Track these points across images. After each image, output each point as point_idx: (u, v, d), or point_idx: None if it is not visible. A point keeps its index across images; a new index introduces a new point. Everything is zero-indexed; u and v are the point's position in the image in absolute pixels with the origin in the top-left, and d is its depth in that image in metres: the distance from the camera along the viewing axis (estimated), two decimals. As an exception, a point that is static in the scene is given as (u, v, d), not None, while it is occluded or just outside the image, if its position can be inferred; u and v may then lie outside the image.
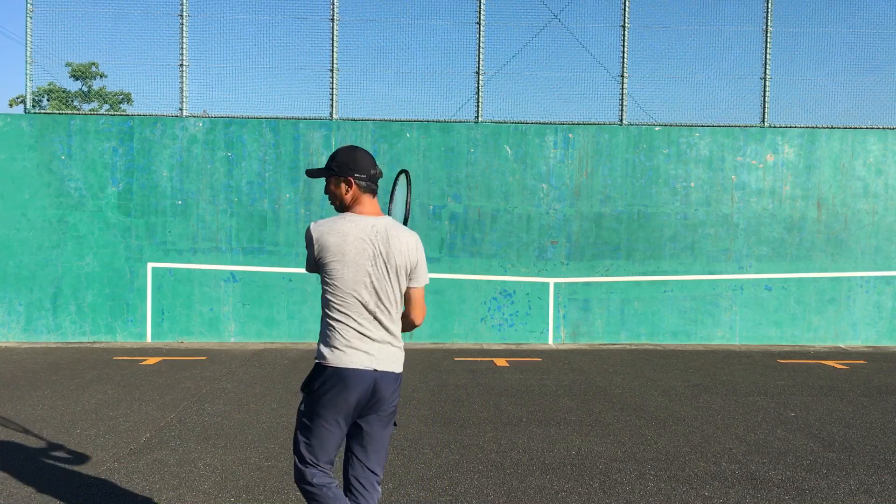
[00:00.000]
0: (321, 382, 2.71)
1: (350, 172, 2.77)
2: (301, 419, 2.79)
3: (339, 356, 2.70)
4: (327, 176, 2.82)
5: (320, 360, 2.74)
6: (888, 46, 10.31)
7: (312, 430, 2.74)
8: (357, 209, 2.79)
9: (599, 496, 4.13)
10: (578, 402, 6.43)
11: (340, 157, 2.79)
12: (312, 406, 2.73)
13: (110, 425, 5.49)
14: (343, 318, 2.73)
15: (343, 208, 2.82)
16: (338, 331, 2.73)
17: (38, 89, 19.26)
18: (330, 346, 2.73)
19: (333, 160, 2.80)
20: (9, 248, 9.57)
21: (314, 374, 2.75)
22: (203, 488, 4.19)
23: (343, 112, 9.92)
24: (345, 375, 2.68)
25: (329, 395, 2.69)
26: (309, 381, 2.76)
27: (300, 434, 2.78)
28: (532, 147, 9.93)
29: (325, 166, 2.84)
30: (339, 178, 2.79)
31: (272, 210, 9.77)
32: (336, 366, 2.69)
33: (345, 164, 2.77)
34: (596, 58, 10.07)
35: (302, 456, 2.77)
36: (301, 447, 2.77)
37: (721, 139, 10.05)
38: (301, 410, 2.79)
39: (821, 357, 9.06)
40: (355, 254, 2.70)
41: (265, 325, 9.74)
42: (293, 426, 5.47)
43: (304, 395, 2.79)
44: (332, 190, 2.82)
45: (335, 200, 2.83)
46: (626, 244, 9.97)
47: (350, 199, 2.79)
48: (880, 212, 10.12)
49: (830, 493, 4.20)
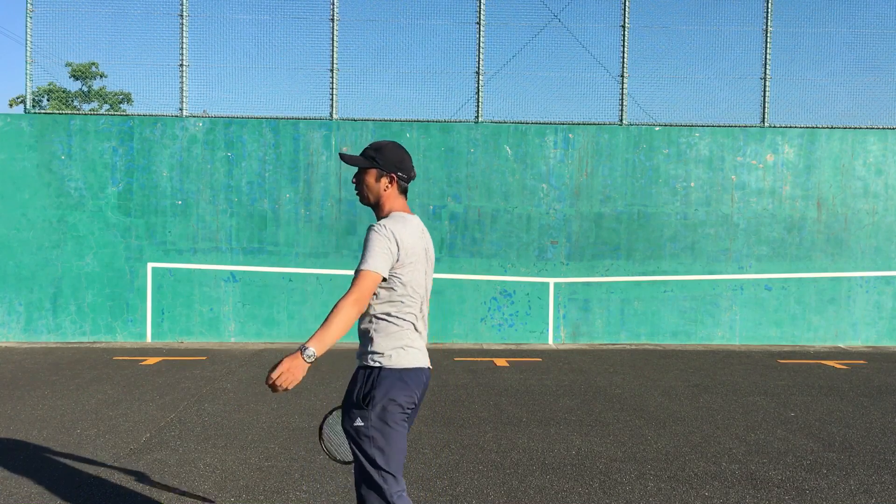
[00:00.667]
0: (389, 386, 2.59)
1: (395, 170, 2.72)
2: (370, 434, 2.57)
3: (398, 358, 2.63)
4: (369, 167, 2.73)
5: (382, 360, 2.62)
6: (888, 46, 10.31)
7: (389, 439, 2.59)
8: (398, 207, 2.74)
9: (599, 496, 4.13)
10: (578, 402, 6.43)
11: (388, 152, 2.72)
12: (382, 416, 2.58)
13: (110, 425, 5.49)
14: (408, 318, 2.66)
15: (374, 203, 2.75)
16: (404, 330, 2.65)
17: (38, 89, 19.26)
18: (394, 347, 2.63)
19: (379, 153, 2.71)
20: (9, 248, 9.57)
21: (375, 379, 2.60)
22: (203, 488, 4.19)
23: (343, 112, 9.92)
24: (407, 375, 2.63)
25: (398, 399, 2.59)
26: (371, 388, 2.59)
27: (376, 451, 2.57)
28: (532, 147, 9.93)
29: (366, 157, 2.73)
30: (381, 173, 2.72)
31: (272, 210, 9.77)
32: (401, 366, 2.62)
33: (391, 160, 2.71)
34: (596, 58, 10.08)
35: (386, 475, 2.57)
36: (382, 465, 2.57)
37: (721, 139, 10.05)
38: (363, 426, 2.58)
39: (821, 357, 9.06)
40: (419, 253, 2.69)
41: (265, 325, 9.74)
42: (293, 426, 5.49)
43: (363, 409, 2.59)
44: (370, 182, 2.72)
45: (368, 193, 2.74)
46: (626, 244, 9.97)
47: (386, 196, 2.73)
48: (880, 212, 10.12)
49: (830, 493, 4.20)
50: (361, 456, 2.59)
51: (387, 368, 2.61)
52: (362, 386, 2.61)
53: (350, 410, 2.62)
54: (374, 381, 2.60)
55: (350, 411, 2.62)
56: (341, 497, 4.07)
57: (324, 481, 4.32)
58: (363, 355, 2.67)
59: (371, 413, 2.57)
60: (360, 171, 2.75)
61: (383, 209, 2.74)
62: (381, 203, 2.74)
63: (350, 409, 2.62)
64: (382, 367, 2.61)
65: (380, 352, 2.62)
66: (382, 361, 2.61)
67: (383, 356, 2.62)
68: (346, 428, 2.64)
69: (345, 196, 9.80)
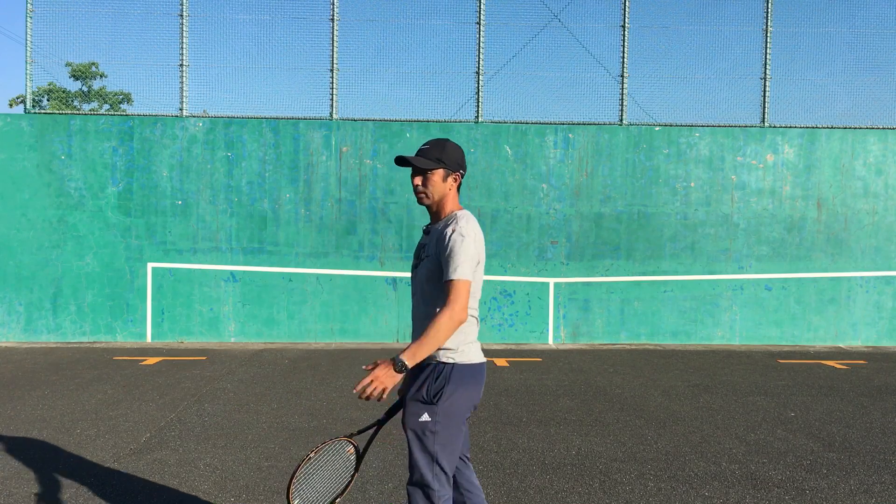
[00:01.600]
0: (459, 382, 2.61)
1: (459, 169, 2.73)
2: (435, 430, 2.59)
3: (468, 353, 2.66)
4: (437, 168, 2.68)
5: (454, 357, 2.63)
6: (888, 46, 10.31)
7: (451, 437, 2.61)
8: (457, 205, 2.75)
9: (599, 496, 4.13)
10: (578, 402, 6.43)
11: (451, 151, 2.71)
12: (450, 412, 2.59)
13: (110, 425, 5.49)
14: (473, 314, 2.69)
15: (437, 202, 2.72)
16: (470, 326, 2.68)
17: (38, 89, 19.26)
18: (464, 343, 2.65)
19: (443, 153, 2.68)
20: (9, 248, 9.57)
21: (444, 376, 2.60)
22: (203, 488, 4.19)
23: (343, 112, 9.92)
24: (477, 370, 2.67)
25: (467, 394, 2.63)
26: (443, 384, 2.59)
27: (439, 447, 2.58)
28: (532, 147, 9.93)
29: (429, 158, 2.68)
30: (448, 172, 2.71)
31: (272, 210, 9.77)
32: (471, 361, 2.65)
33: (456, 160, 2.71)
34: (596, 58, 10.08)
35: (441, 475, 2.58)
36: (441, 462, 2.58)
37: (721, 139, 10.05)
38: (430, 421, 2.58)
39: (821, 357, 9.06)
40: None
41: (265, 325, 9.74)
42: (293, 426, 5.49)
43: (431, 404, 2.59)
44: (438, 183, 2.69)
45: (433, 193, 2.70)
46: (626, 244, 9.97)
47: (451, 195, 2.73)
48: (880, 212, 10.12)
49: (830, 493, 4.20)
50: (421, 453, 2.60)
51: (458, 364, 2.63)
52: (432, 381, 2.61)
53: (415, 406, 2.62)
54: (445, 376, 2.61)
55: (415, 407, 2.62)
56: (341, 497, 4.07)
57: (324, 481, 4.32)
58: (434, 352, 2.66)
59: (439, 408, 2.58)
60: (425, 172, 2.70)
61: (445, 208, 2.73)
62: (444, 202, 2.73)
63: (416, 405, 2.62)
64: (455, 362, 2.63)
65: (451, 347, 2.62)
66: (455, 357, 2.63)
67: (455, 352, 2.63)
68: (408, 424, 2.64)
69: (345, 196, 9.81)
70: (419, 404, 2.61)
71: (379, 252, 9.82)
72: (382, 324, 9.82)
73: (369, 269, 9.80)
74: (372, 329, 9.81)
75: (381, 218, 9.83)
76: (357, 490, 4.18)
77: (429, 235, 2.75)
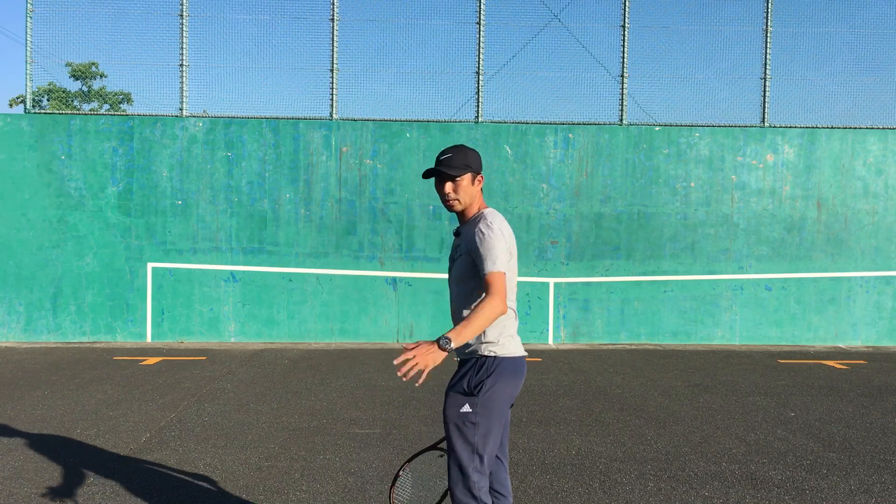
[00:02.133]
0: (500, 374, 2.68)
1: (481, 171, 2.87)
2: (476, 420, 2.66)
3: (508, 346, 2.73)
4: (464, 174, 2.79)
5: (495, 350, 2.70)
6: (888, 46, 10.31)
7: (491, 428, 2.68)
8: (483, 204, 2.88)
9: (599, 496, 4.13)
10: (578, 402, 6.43)
11: (473, 155, 2.82)
12: (489, 403, 2.67)
13: (110, 425, 5.49)
14: (511, 307, 2.77)
15: (466, 206, 2.82)
16: (509, 319, 2.75)
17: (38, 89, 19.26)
18: (505, 336, 2.73)
19: (467, 157, 2.79)
20: (9, 248, 9.57)
21: (486, 369, 2.68)
22: (203, 488, 4.19)
23: (343, 112, 9.92)
24: (518, 363, 2.74)
25: (507, 387, 2.70)
26: (484, 376, 2.68)
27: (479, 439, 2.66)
28: (532, 147, 9.93)
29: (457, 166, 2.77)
30: (474, 176, 2.83)
31: (272, 210, 9.77)
32: (512, 355, 2.72)
33: (478, 162, 2.84)
34: (596, 58, 10.08)
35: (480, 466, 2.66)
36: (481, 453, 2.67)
37: (721, 139, 10.05)
38: (470, 412, 2.66)
39: (821, 357, 9.06)
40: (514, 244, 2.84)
41: (265, 325, 9.74)
42: (293, 426, 5.49)
43: (473, 396, 2.67)
44: (468, 187, 2.80)
45: (464, 197, 2.80)
46: (626, 244, 9.97)
47: (478, 197, 2.86)
48: (880, 212, 10.12)
49: (830, 493, 4.20)
50: (462, 443, 2.66)
51: (500, 357, 2.70)
52: (473, 374, 2.69)
53: (456, 398, 2.70)
54: (486, 369, 2.69)
55: (456, 399, 2.70)
56: (341, 497, 4.07)
57: (324, 481, 4.32)
58: (475, 345, 2.73)
59: (479, 400, 2.66)
60: (454, 179, 2.79)
61: (473, 208, 2.85)
62: (472, 204, 2.84)
63: (456, 397, 2.70)
64: (497, 355, 2.70)
65: (493, 341, 2.71)
66: (496, 350, 2.71)
67: (496, 345, 2.71)
68: (448, 415, 2.70)
69: (345, 196, 9.81)
70: (460, 396, 2.70)
71: (379, 252, 9.82)
72: (382, 324, 9.82)
73: (369, 269, 9.80)
74: (372, 329, 9.81)
75: (381, 218, 9.83)
76: (357, 490, 4.18)
77: (460, 237, 2.86)
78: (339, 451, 4.90)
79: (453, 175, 2.76)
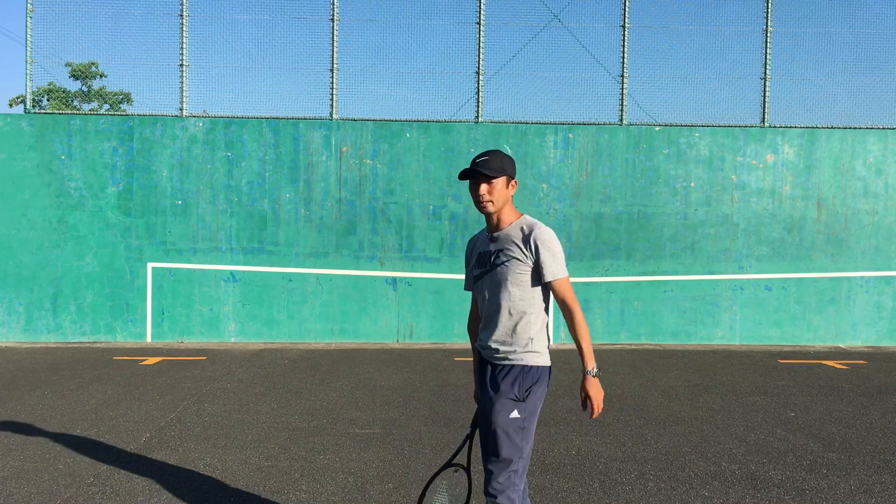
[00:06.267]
0: (542, 381, 2.82)
1: (515, 174, 2.92)
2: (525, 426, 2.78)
3: (546, 354, 2.87)
4: (500, 177, 2.83)
5: (540, 361, 2.82)
6: (888, 46, 10.31)
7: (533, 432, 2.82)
8: (516, 210, 2.93)
9: (599, 496, 4.13)
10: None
11: (509, 160, 2.87)
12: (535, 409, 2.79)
13: (110, 425, 5.49)
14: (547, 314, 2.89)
15: (500, 208, 2.87)
16: (547, 330, 2.88)
17: (38, 89, 19.27)
18: (544, 347, 2.86)
19: (502, 161, 2.83)
20: (9, 248, 9.57)
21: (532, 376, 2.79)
22: (203, 488, 4.19)
23: (343, 112, 9.92)
24: (551, 371, 2.89)
25: (544, 393, 2.84)
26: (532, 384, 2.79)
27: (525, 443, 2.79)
28: (532, 147, 9.93)
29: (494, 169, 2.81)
30: (509, 180, 2.88)
31: (272, 210, 9.77)
32: (548, 364, 2.87)
33: (514, 167, 2.90)
34: (596, 58, 10.08)
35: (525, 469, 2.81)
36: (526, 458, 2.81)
37: (721, 139, 10.05)
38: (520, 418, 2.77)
39: (821, 357, 9.06)
40: None
41: (265, 325, 9.74)
42: (293, 426, 5.49)
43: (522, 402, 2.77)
44: (502, 190, 2.85)
45: (498, 200, 2.84)
46: (626, 244, 9.97)
47: (510, 202, 2.91)
48: (880, 212, 10.12)
49: (830, 493, 4.20)
50: (511, 448, 2.75)
51: (543, 366, 2.84)
52: (523, 380, 2.79)
53: (507, 404, 2.78)
54: (532, 376, 2.80)
55: (507, 405, 2.78)
56: (341, 497, 4.07)
57: (324, 481, 4.32)
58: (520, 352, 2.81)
59: (528, 406, 2.78)
60: (490, 180, 2.83)
61: (505, 212, 2.89)
62: (503, 208, 2.89)
63: (507, 402, 2.78)
64: (541, 365, 2.83)
65: (539, 351, 2.83)
66: (540, 361, 2.83)
67: (542, 355, 2.83)
68: (498, 421, 2.77)
69: (345, 196, 9.81)
70: (511, 402, 2.78)
71: (379, 252, 9.82)
72: (382, 324, 9.82)
73: (369, 269, 9.80)
74: (372, 329, 9.81)
75: (381, 218, 9.83)
76: (357, 490, 4.18)
77: (496, 242, 2.88)
78: (339, 451, 4.90)
79: (490, 177, 2.80)
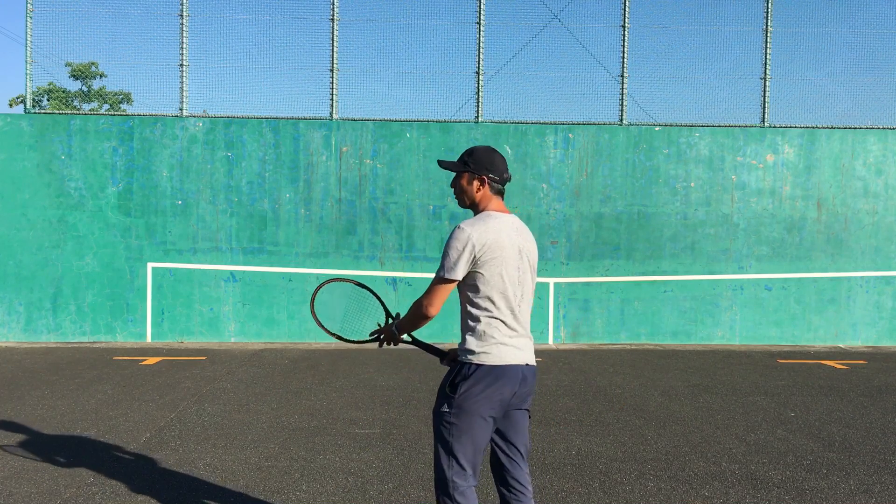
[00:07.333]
0: (476, 380, 2.72)
1: (486, 172, 2.82)
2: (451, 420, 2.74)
3: (494, 353, 2.74)
4: (462, 171, 2.85)
5: (471, 358, 2.74)
6: (888, 46, 10.31)
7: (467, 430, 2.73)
8: (492, 207, 2.84)
9: (599, 496, 4.13)
10: (578, 402, 6.43)
11: (478, 155, 2.84)
12: (465, 406, 2.72)
13: (110, 425, 5.49)
14: (498, 315, 2.76)
15: (471, 206, 2.87)
16: (494, 328, 2.75)
17: (38, 89, 19.27)
18: (483, 346, 2.75)
19: (470, 157, 2.84)
20: (9, 248, 9.57)
21: (463, 373, 2.74)
22: (203, 488, 4.19)
23: (343, 112, 9.92)
24: (500, 371, 2.73)
25: (490, 391, 2.71)
26: (455, 381, 2.74)
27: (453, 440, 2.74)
28: (532, 147, 9.93)
29: (460, 161, 2.87)
30: (473, 176, 2.83)
31: (272, 210, 9.77)
32: (494, 363, 2.73)
33: (482, 162, 2.82)
34: (596, 58, 10.08)
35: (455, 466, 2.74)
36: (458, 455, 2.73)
37: (721, 139, 10.05)
38: (446, 412, 2.74)
39: (821, 357, 9.06)
40: (505, 248, 2.76)
41: (265, 325, 9.74)
42: (293, 426, 5.49)
43: (449, 399, 2.74)
44: (464, 186, 2.85)
45: (464, 197, 2.87)
46: (626, 244, 9.97)
47: (480, 198, 2.85)
48: (880, 212, 10.12)
49: (830, 493, 4.20)
50: (439, 441, 2.77)
51: (475, 364, 2.74)
52: (454, 376, 2.76)
53: (439, 396, 2.81)
54: (463, 373, 2.74)
55: (438, 397, 2.81)
56: (341, 497, 4.07)
57: (324, 481, 4.32)
58: (459, 351, 2.82)
59: (455, 401, 2.72)
60: (455, 175, 2.88)
61: (478, 211, 2.86)
62: (476, 205, 2.86)
63: (439, 395, 2.81)
64: (472, 363, 2.74)
65: (472, 350, 2.75)
66: (472, 359, 2.74)
67: (475, 354, 2.74)
68: (433, 412, 2.82)
69: (345, 196, 9.81)
70: (441, 395, 2.79)
71: (379, 252, 9.82)
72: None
73: (369, 269, 9.80)
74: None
75: (381, 218, 9.83)
76: (357, 490, 4.18)
77: None
78: (339, 451, 4.90)
79: (447, 169, 2.90)
